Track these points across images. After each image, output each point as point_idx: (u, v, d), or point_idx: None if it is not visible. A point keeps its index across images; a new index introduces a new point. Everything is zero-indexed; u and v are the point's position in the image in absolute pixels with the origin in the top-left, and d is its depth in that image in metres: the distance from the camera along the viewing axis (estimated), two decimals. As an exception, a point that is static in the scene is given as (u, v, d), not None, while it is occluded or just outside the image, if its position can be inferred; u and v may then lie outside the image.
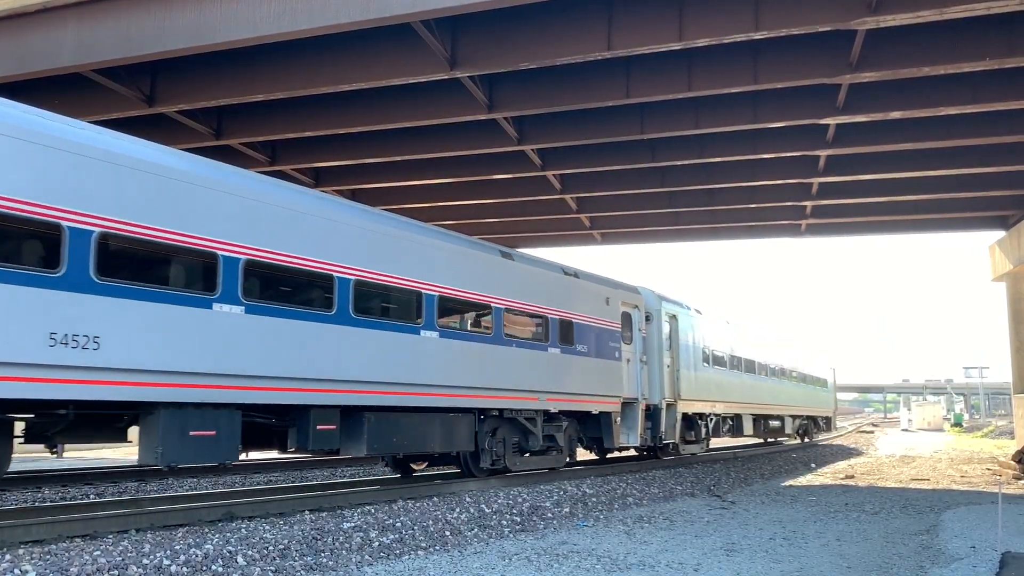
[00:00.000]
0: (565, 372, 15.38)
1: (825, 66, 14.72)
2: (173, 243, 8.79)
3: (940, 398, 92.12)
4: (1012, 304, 28.26)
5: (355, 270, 10.91)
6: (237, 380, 9.33)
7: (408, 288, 11.88)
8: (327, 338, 10.37)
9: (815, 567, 7.85)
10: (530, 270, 14.85)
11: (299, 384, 10.03)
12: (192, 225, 8.98)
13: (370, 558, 7.82)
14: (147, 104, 16.50)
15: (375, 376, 11.10)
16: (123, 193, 8.35)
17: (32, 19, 14.45)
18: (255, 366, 9.48)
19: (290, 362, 9.87)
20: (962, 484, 17.71)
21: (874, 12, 12.34)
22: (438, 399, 12.36)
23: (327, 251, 10.49)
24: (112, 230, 8.20)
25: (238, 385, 9.36)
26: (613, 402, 16.91)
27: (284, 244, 9.97)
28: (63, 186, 7.86)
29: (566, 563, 7.77)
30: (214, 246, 9.23)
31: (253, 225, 9.64)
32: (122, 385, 8.24)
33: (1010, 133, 17.79)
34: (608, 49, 13.79)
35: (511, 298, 14.09)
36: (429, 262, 12.30)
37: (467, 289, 13.05)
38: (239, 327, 9.33)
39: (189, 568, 6.87)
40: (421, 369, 11.96)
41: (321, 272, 10.39)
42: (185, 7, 13.60)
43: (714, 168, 22.11)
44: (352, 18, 12.71)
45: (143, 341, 8.36)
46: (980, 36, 13.83)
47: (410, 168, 22.31)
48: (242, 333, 9.38)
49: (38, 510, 9.67)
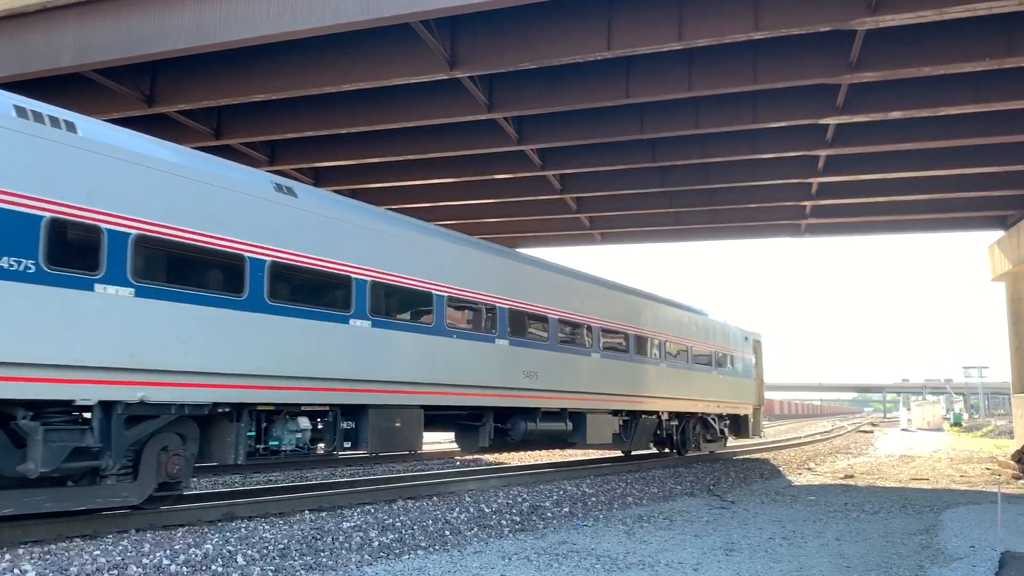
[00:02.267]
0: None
1: (825, 66, 14.71)
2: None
3: (940, 398, 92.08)
4: (1011, 304, 28.26)
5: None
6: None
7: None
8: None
9: (815, 567, 7.85)
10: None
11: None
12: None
13: (370, 558, 7.82)
14: (147, 104, 16.50)
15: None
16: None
17: (32, 19, 14.45)
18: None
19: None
20: (961, 484, 17.71)
21: (874, 12, 12.34)
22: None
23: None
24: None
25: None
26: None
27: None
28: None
29: (566, 563, 7.77)
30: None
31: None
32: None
33: (1010, 133, 17.78)
34: (608, 49, 13.79)
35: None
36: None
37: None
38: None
39: (189, 568, 6.87)
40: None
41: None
42: (185, 7, 13.60)
43: (714, 168, 22.11)
44: (351, 18, 12.70)
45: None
46: (980, 36, 13.82)
47: (410, 168, 22.31)
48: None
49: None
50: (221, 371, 8.92)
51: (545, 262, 16.07)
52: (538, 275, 15.14)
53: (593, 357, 16.57)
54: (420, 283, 12.06)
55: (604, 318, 17.05)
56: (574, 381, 15.90)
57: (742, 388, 24.76)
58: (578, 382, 16.02)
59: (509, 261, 14.55)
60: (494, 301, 13.71)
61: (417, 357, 11.81)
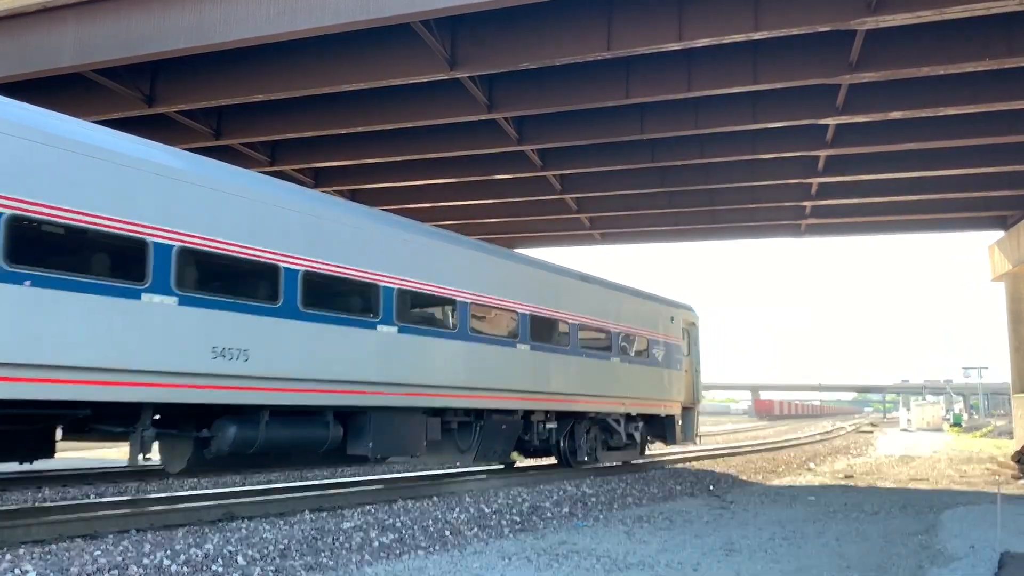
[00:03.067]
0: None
1: (825, 66, 14.72)
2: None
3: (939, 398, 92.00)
4: (1011, 304, 28.27)
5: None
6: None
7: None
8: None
9: (814, 567, 7.85)
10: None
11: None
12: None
13: (370, 558, 7.82)
14: (147, 104, 16.51)
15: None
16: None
17: (32, 19, 14.46)
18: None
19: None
20: (961, 484, 17.71)
21: (874, 12, 12.34)
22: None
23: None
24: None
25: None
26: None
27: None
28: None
29: (566, 563, 7.77)
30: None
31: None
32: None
33: (1010, 133, 17.78)
34: (608, 49, 13.80)
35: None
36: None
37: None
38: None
39: (189, 568, 6.87)
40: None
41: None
42: (185, 7, 13.60)
43: (714, 168, 22.11)
44: (351, 18, 12.71)
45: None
46: (980, 36, 13.83)
47: (410, 168, 22.31)
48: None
49: (38, 510, 9.67)
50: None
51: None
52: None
53: (382, 331, 11.35)
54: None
55: (405, 275, 11.81)
56: (340, 366, 10.76)
57: (665, 381, 18.91)
58: (352, 367, 10.93)
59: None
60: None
61: None
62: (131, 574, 6.52)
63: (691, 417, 20.26)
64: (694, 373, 20.87)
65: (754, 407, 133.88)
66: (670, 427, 19.26)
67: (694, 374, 20.85)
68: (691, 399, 20.46)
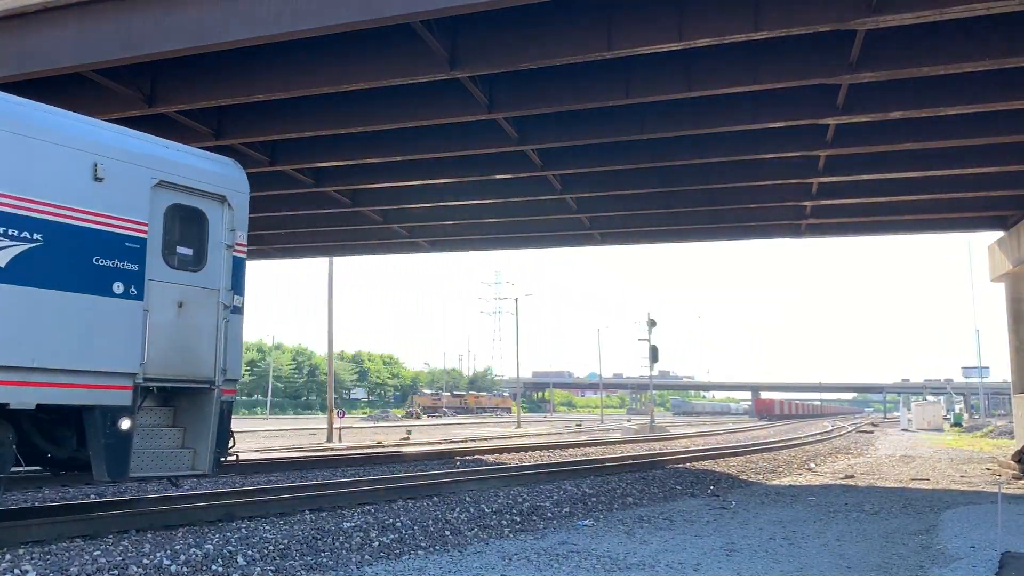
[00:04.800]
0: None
1: (825, 66, 14.71)
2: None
3: (940, 398, 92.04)
4: (1011, 304, 28.24)
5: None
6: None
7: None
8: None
9: (815, 567, 7.85)
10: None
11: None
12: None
13: (370, 558, 7.82)
14: (147, 104, 16.49)
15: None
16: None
17: (32, 19, 14.45)
18: None
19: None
20: (962, 484, 17.71)
21: (874, 12, 12.33)
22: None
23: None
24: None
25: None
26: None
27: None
28: None
29: (566, 563, 7.77)
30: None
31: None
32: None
33: (1010, 133, 17.77)
34: (608, 49, 13.79)
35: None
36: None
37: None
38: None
39: (189, 568, 6.87)
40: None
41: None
42: (185, 7, 13.60)
43: (714, 168, 22.09)
44: (352, 18, 12.71)
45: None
46: (980, 36, 13.82)
47: (410, 168, 22.30)
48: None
49: (38, 510, 9.67)
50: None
51: None
52: None
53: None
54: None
55: None
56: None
57: (83, 329, 8.19)
58: None
59: None
60: None
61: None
62: (131, 574, 6.52)
63: (221, 421, 9.33)
64: (217, 317, 9.67)
65: (754, 407, 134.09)
66: (95, 438, 8.26)
67: (219, 319, 9.66)
68: (206, 372, 9.36)
